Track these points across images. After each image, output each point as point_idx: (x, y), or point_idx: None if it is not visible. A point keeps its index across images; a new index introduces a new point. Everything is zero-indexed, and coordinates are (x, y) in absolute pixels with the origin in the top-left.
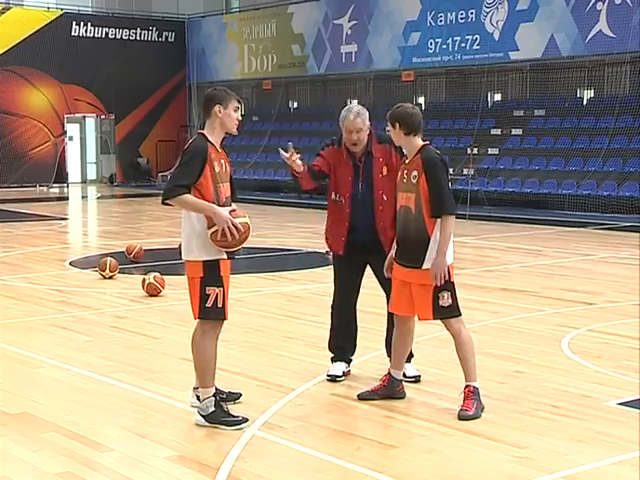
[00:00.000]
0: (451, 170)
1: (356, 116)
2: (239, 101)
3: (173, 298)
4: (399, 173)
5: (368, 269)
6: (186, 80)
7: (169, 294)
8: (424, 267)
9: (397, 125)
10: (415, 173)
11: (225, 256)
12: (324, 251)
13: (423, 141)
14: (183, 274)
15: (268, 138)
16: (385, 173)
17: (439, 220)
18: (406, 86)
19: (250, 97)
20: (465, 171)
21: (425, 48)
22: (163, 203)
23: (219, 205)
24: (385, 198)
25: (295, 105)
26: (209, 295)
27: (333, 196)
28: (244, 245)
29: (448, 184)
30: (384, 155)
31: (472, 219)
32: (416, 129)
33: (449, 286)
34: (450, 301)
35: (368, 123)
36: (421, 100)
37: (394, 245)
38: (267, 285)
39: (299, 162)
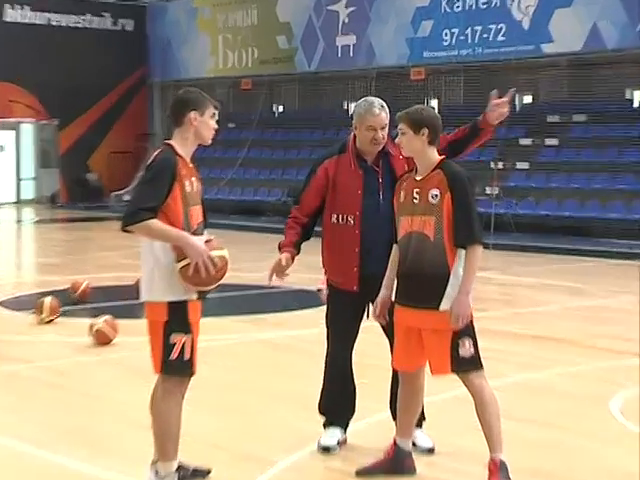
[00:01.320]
0: None
1: (381, 109)
2: (217, 107)
3: (128, 348)
4: (401, 192)
5: None
6: (147, 78)
7: (123, 343)
8: (442, 308)
9: (426, 131)
10: (436, 192)
11: (195, 296)
12: (315, 289)
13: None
14: (142, 318)
15: (247, 149)
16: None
17: (461, 250)
18: (416, 86)
19: (226, 99)
20: (488, 190)
21: (439, 40)
22: (123, 230)
23: (190, 233)
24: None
25: (280, 109)
26: (174, 345)
27: (334, 219)
28: (220, 282)
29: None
30: (398, 152)
31: (497, 249)
32: (439, 138)
33: (470, 331)
34: (472, 350)
35: (388, 118)
36: (434, 103)
37: (387, 282)
38: (245, 331)
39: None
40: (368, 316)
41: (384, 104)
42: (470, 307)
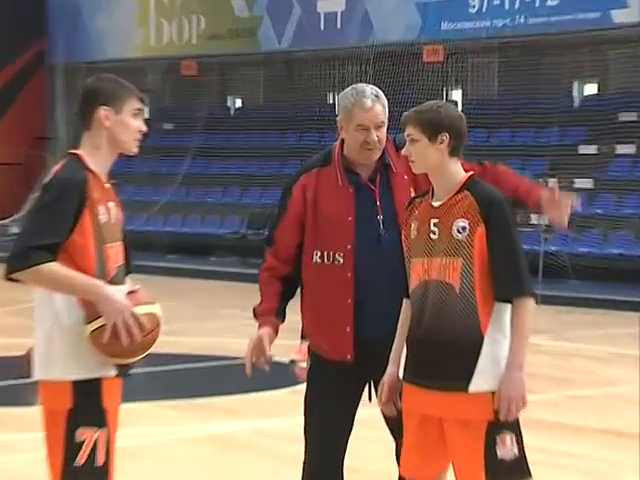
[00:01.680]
0: None
1: (375, 100)
2: (142, 99)
3: (11, 448)
4: (412, 224)
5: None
6: (46, 58)
7: (6, 442)
8: (472, 389)
9: (446, 138)
10: (463, 223)
11: (112, 372)
12: (288, 360)
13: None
14: (35, 405)
15: (190, 161)
16: None
17: (500, 307)
18: (430, 70)
19: (160, 89)
20: (534, 219)
21: (463, 5)
22: (8, 278)
23: (106, 281)
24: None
25: (238, 104)
26: (82, 444)
27: (316, 257)
28: (149, 351)
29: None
30: (406, 168)
31: (547, 302)
32: (462, 147)
33: (512, 425)
34: (515, 451)
35: (387, 114)
36: (456, 95)
37: (395, 354)
38: (184, 422)
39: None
40: (370, 399)
41: (380, 93)
42: (525, 387)
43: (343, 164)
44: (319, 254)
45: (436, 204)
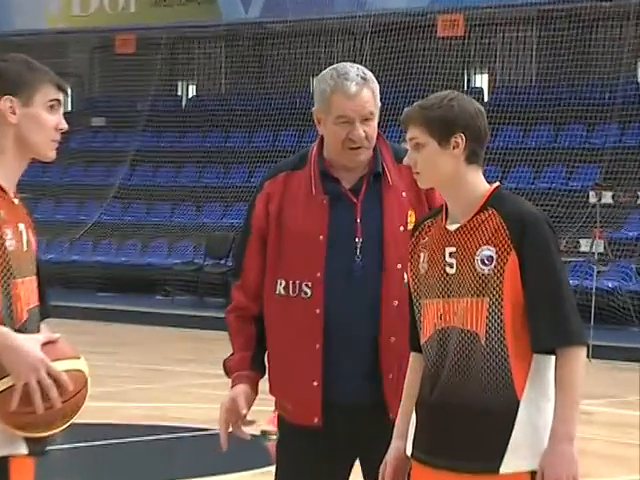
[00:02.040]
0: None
1: (362, 84)
2: (62, 87)
3: None
4: (421, 255)
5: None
6: None
7: None
8: (505, 470)
9: (461, 140)
10: (489, 251)
11: (23, 449)
12: (259, 431)
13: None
14: None
15: (128, 168)
16: (410, 224)
17: (541, 361)
18: (446, 48)
19: (87, 73)
20: (584, 245)
21: None
22: None
23: (14, 328)
24: (396, 303)
25: (191, 92)
26: None
27: (279, 288)
28: (73, 420)
29: (567, 277)
30: (408, 184)
31: (602, 356)
32: (483, 151)
33: None
34: None
35: (379, 104)
36: (481, 81)
37: (401, 425)
38: None
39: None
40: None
41: (369, 75)
42: (577, 465)
43: (320, 167)
44: (283, 284)
45: (452, 227)
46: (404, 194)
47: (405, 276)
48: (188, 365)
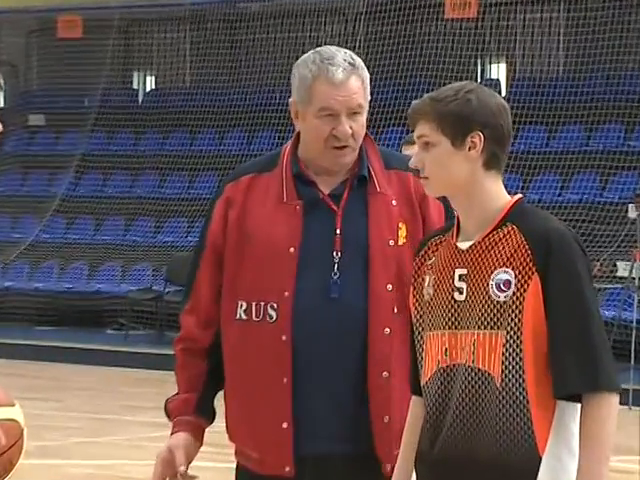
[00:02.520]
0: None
1: (349, 71)
2: None
3: None
4: (426, 278)
5: None
6: None
7: None
8: None
9: (479, 139)
10: (507, 276)
11: None
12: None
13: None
14: None
15: (73, 176)
16: (402, 239)
17: (563, 407)
18: (457, 32)
19: (22, 62)
20: (622, 269)
21: None
22: None
23: None
24: (396, 311)
25: (150, 85)
26: None
27: (239, 312)
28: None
29: (599, 308)
30: (399, 193)
31: None
32: (505, 155)
33: None
34: None
35: (369, 97)
36: (497, 72)
37: (400, 472)
38: None
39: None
40: None
41: (358, 61)
42: None
43: (293, 169)
44: (244, 306)
45: (464, 245)
46: (394, 203)
47: (395, 307)
48: (145, 414)
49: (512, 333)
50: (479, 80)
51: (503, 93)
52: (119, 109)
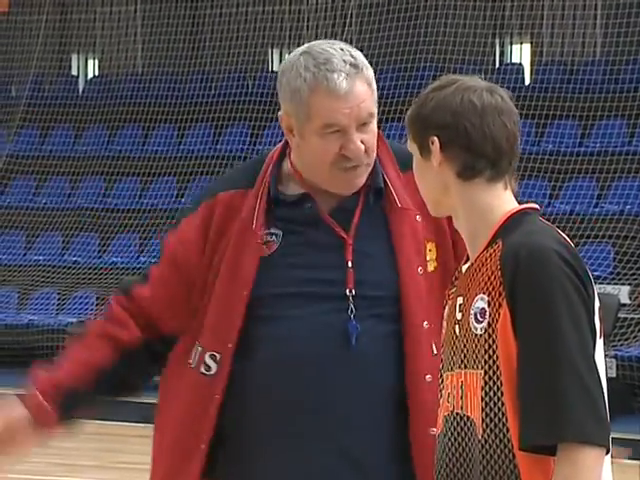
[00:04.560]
0: (601, 288)
1: (352, 76)
2: None
3: None
4: (445, 310)
5: None
6: None
7: None
8: None
9: (433, 146)
10: (482, 303)
11: None
12: None
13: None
14: None
15: (3, 186)
16: (432, 263)
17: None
18: (471, 6)
19: None
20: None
21: None
22: None
23: None
24: (429, 378)
25: (92, 71)
26: None
27: (192, 356)
28: None
29: (588, 345)
30: (421, 200)
31: None
32: (493, 162)
33: None
34: None
35: (376, 97)
36: (519, 55)
37: None
38: None
39: None
40: None
41: (359, 58)
42: None
43: (271, 189)
44: (197, 352)
45: (464, 269)
46: (418, 218)
47: (428, 375)
48: (82, 473)
49: (491, 372)
50: (497, 65)
51: (527, 81)
52: (54, 100)
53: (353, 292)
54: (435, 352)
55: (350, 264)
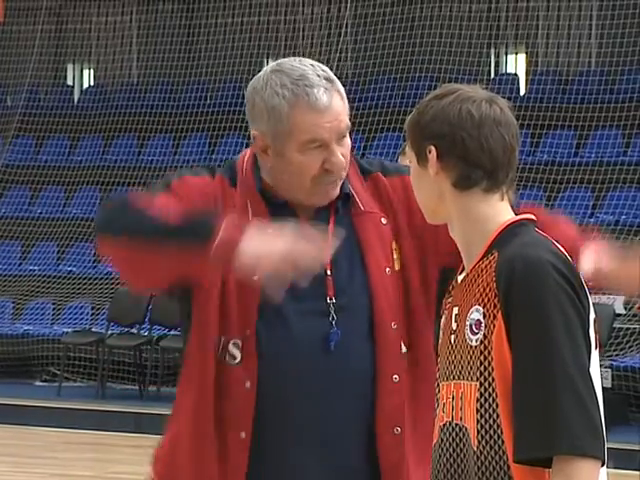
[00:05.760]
0: (599, 299)
1: (331, 90)
2: None
3: None
4: (443, 318)
5: None
6: None
7: None
8: None
9: (430, 155)
10: (477, 314)
11: None
12: None
13: (514, 210)
14: None
15: None
16: (397, 262)
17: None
18: (465, 14)
19: None
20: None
21: None
22: None
23: None
24: (396, 379)
25: (88, 80)
26: None
27: (218, 352)
28: None
29: (583, 357)
30: (379, 200)
31: None
32: (488, 173)
33: None
34: None
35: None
36: (514, 65)
37: None
38: None
39: None
40: None
41: (330, 73)
42: None
43: (256, 184)
44: (221, 342)
45: (460, 279)
46: (384, 221)
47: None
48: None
49: (486, 384)
50: (492, 75)
51: (522, 91)
52: (50, 110)
53: (333, 300)
54: (404, 351)
55: (329, 272)
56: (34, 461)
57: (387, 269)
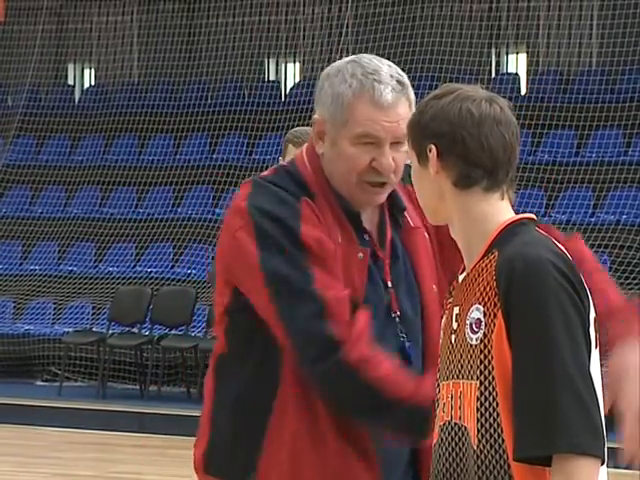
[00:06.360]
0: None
1: (398, 93)
2: None
3: None
4: (444, 319)
5: None
6: None
7: None
8: None
9: (430, 153)
10: (477, 313)
11: None
12: None
13: (513, 210)
14: None
15: None
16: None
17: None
18: (466, 14)
19: None
20: None
21: None
22: None
23: None
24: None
25: (89, 80)
26: None
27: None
28: None
29: (583, 356)
30: (420, 216)
31: None
32: (488, 172)
33: None
34: None
35: None
36: (515, 65)
37: None
38: None
39: None
40: None
41: (405, 78)
42: None
43: (337, 197)
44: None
45: (460, 279)
46: (426, 236)
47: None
48: None
49: (486, 383)
50: (493, 75)
51: (522, 90)
52: (50, 110)
53: (398, 313)
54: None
55: (390, 284)
56: (37, 461)
57: (434, 286)
